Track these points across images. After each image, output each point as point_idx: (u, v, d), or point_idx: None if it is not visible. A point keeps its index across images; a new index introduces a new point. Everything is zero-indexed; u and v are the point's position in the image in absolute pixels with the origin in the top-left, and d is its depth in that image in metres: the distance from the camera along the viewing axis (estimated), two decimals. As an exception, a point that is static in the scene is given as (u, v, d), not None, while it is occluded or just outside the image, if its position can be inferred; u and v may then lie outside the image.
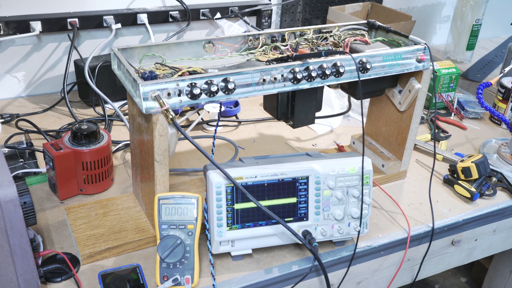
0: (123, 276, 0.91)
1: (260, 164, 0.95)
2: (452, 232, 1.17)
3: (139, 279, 0.91)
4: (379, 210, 1.15)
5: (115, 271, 0.92)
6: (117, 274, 0.92)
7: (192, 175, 1.23)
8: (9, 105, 1.50)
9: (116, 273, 0.92)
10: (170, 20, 1.63)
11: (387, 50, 1.06)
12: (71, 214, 1.02)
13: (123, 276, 0.92)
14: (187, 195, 0.91)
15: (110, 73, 1.44)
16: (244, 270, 0.96)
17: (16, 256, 0.75)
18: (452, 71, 1.60)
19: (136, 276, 0.92)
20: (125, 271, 0.93)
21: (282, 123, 1.13)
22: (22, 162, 1.19)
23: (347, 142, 1.38)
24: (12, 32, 1.43)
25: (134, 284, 0.90)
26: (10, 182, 0.71)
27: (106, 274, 0.92)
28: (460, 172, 1.23)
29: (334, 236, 0.98)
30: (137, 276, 0.92)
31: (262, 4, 1.76)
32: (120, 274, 0.92)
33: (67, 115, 1.46)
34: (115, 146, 1.30)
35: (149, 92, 0.84)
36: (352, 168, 0.97)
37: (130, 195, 1.09)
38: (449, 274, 2.35)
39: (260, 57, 1.04)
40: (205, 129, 1.44)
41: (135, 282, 0.91)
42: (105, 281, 0.90)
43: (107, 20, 1.53)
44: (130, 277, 0.92)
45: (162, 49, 1.00)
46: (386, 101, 1.22)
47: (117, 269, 0.93)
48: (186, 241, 0.90)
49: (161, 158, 0.90)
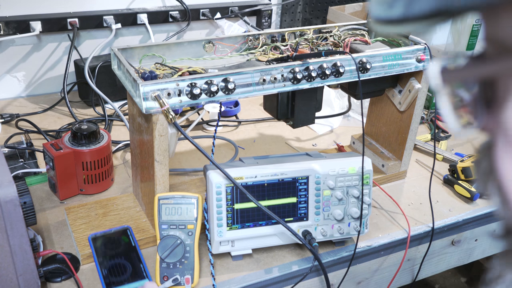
0: (114, 239, 0.90)
1: (260, 164, 0.95)
2: (452, 232, 1.17)
3: (131, 242, 0.90)
4: (379, 210, 1.15)
5: (106, 234, 0.91)
6: (108, 237, 0.90)
7: (192, 175, 1.22)
8: (9, 105, 1.50)
9: (107, 236, 0.91)
10: (170, 20, 1.63)
11: (387, 50, 1.06)
12: (71, 214, 1.02)
13: (114, 238, 0.91)
14: (187, 195, 0.91)
15: (110, 73, 1.43)
16: (244, 270, 0.96)
17: (16, 256, 0.75)
18: (452, 71, 1.60)
19: (127, 239, 0.91)
20: (115, 233, 0.92)
21: (282, 123, 1.13)
22: (22, 162, 1.19)
23: (347, 142, 1.38)
24: (12, 32, 1.43)
25: (125, 247, 0.90)
26: (10, 182, 0.71)
27: (97, 237, 0.91)
28: (460, 172, 1.23)
29: (334, 236, 0.98)
30: (128, 238, 0.91)
31: (262, 4, 1.76)
32: (111, 237, 0.90)
33: (67, 115, 1.46)
34: (115, 146, 1.30)
35: (149, 92, 0.84)
36: (352, 168, 0.97)
37: (130, 195, 1.09)
38: (449, 274, 2.35)
39: (260, 57, 1.04)
40: (205, 129, 1.44)
41: (126, 244, 0.90)
42: (96, 244, 0.89)
43: (107, 20, 1.53)
44: (122, 239, 0.91)
45: (162, 49, 1.00)
46: (386, 101, 1.22)
47: (107, 232, 0.92)
48: (186, 241, 0.90)
49: (161, 158, 0.90)
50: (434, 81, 0.29)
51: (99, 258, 0.88)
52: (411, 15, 0.26)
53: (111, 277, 0.86)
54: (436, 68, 0.29)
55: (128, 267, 0.88)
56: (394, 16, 0.27)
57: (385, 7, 0.28)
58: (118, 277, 0.86)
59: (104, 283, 0.86)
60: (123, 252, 0.90)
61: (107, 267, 0.88)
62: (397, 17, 0.27)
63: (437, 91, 0.29)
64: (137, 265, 0.88)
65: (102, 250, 0.89)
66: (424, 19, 0.26)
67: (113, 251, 0.89)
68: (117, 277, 0.86)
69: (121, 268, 0.87)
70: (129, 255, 0.90)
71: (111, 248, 0.89)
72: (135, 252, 0.90)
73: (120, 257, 0.89)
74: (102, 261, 0.88)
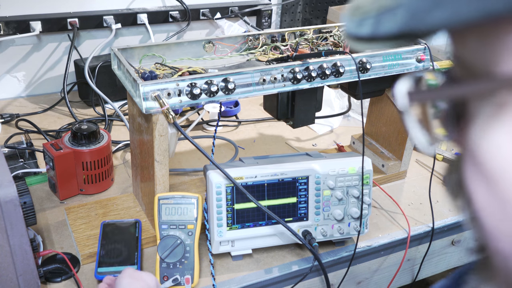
0: (122, 228, 0.97)
1: (260, 164, 0.95)
2: (452, 232, 1.17)
3: (136, 232, 0.97)
4: (379, 210, 1.15)
5: (117, 223, 0.98)
6: (117, 225, 0.98)
7: (192, 175, 1.22)
8: (9, 105, 1.50)
9: (117, 224, 0.98)
10: (170, 20, 1.63)
11: (387, 50, 1.06)
12: (71, 214, 1.02)
13: (123, 227, 0.97)
14: (187, 195, 0.91)
15: (110, 73, 1.43)
16: (244, 270, 0.96)
17: (16, 256, 0.75)
18: (452, 71, 1.60)
19: (134, 230, 0.97)
20: (126, 223, 0.98)
21: (282, 123, 1.13)
22: (22, 162, 1.19)
23: (347, 142, 1.38)
24: (12, 32, 1.43)
25: (129, 236, 0.96)
26: (10, 182, 0.71)
27: (108, 224, 0.98)
28: (460, 172, 1.23)
29: (334, 236, 0.98)
30: (135, 230, 0.97)
31: (262, 4, 1.76)
32: (120, 226, 0.98)
33: (67, 115, 1.46)
34: (115, 146, 1.30)
35: (149, 92, 0.84)
36: (352, 168, 0.97)
37: (130, 195, 1.09)
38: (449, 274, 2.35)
39: (260, 57, 1.04)
40: (205, 129, 1.44)
41: (131, 234, 0.96)
42: (105, 230, 0.97)
43: (107, 20, 1.53)
44: (129, 230, 0.97)
45: (162, 49, 1.00)
46: (386, 101, 1.22)
47: (118, 221, 0.99)
48: (186, 241, 0.90)
49: (161, 158, 0.90)
50: (401, 101, 0.29)
51: (103, 241, 0.95)
52: (378, 35, 0.27)
53: (105, 258, 0.92)
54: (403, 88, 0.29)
55: (124, 252, 0.93)
56: (363, 34, 0.28)
57: (355, 24, 0.28)
58: (111, 259, 0.92)
59: (97, 261, 0.92)
60: (124, 239, 0.96)
61: (106, 249, 0.94)
62: (366, 35, 0.27)
63: (404, 111, 0.29)
64: (132, 253, 0.94)
65: (108, 235, 0.96)
66: (391, 39, 0.26)
67: (117, 237, 0.96)
68: (110, 259, 0.92)
69: (117, 252, 0.93)
70: (129, 243, 0.95)
71: (116, 234, 0.96)
72: (135, 241, 0.96)
73: (120, 243, 0.95)
74: (104, 244, 0.94)
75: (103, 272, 0.90)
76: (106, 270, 0.90)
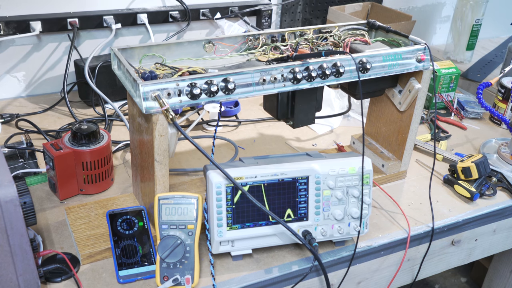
0: (129, 218, 0.96)
1: (260, 164, 0.95)
2: (452, 232, 1.17)
3: (144, 224, 0.96)
4: (379, 210, 1.15)
5: (122, 211, 0.97)
6: (123, 215, 0.96)
7: (192, 175, 1.23)
8: (9, 105, 1.50)
9: (123, 213, 0.97)
10: (170, 20, 1.63)
11: (387, 50, 1.06)
12: (71, 214, 1.02)
13: (129, 218, 0.96)
14: (187, 195, 0.91)
15: (110, 73, 1.44)
16: (244, 270, 0.96)
17: (16, 256, 0.75)
18: (452, 71, 1.60)
19: (141, 220, 0.96)
20: (131, 213, 0.97)
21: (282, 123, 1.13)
22: (22, 162, 1.19)
23: (347, 142, 1.38)
24: (12, 32, 1.43)
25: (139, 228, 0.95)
26: (10, 182, 0.71)
27: (114, 213, 0.96)
28: (460, 172, 1.23)
29: (334, 236, 0.98)
30: (142, 220, 0.96)
31: (262, 4, 1.76)
32: (126, 216, 0.96)
33: (67, 115, 1.46)
34: (115, 146, 1.30)
35: (149, 92, 0.84)
36: (352, 168, 0.97)
37: (130, 195, 1.10)
38: (449, 274, 2.35)
39: (260, 57, 1.04)
40: (205, 129, 1.44)
41: (140, 226, 0.96)
42: (112, 221, 0.95)
43: (107, 20, 1.53)
44: (137, 221, 0.96)
45: (162, 49, 1.00)
46: (386, 101, 1.22)
47: (124, 209, 0.97)
48: (186, 241, 0.90)
49: (161, 158, 0.90)
50: None
51: (114, 237, 0.94)
52: None
53: (123, 258, 0.92)
54: None
55: (139, 250, 0.93)
56: None
57: None
58: (128, 259, 0.92)
59: (116, 263, 0.91)
60: (135, 234, 0.94)
61: (120, 247, 0.93)
62: None
63: None
64: (147, 250, 0.93)
65: (117, 228, 0.95)
66: None
67: (127, 231, 0.95)
68: (127, 259, 0.92)
69: (132, 250, 0.92)
70: (141, 238, 0.94)
71: (125, 228, 0.95)
72: (146, 235, 0.95)
73: (132, 238, 0.94)
74: (116, 240, 0.93)
75: (125, 276, 0.90)
76: (127, 273, 0.90)
